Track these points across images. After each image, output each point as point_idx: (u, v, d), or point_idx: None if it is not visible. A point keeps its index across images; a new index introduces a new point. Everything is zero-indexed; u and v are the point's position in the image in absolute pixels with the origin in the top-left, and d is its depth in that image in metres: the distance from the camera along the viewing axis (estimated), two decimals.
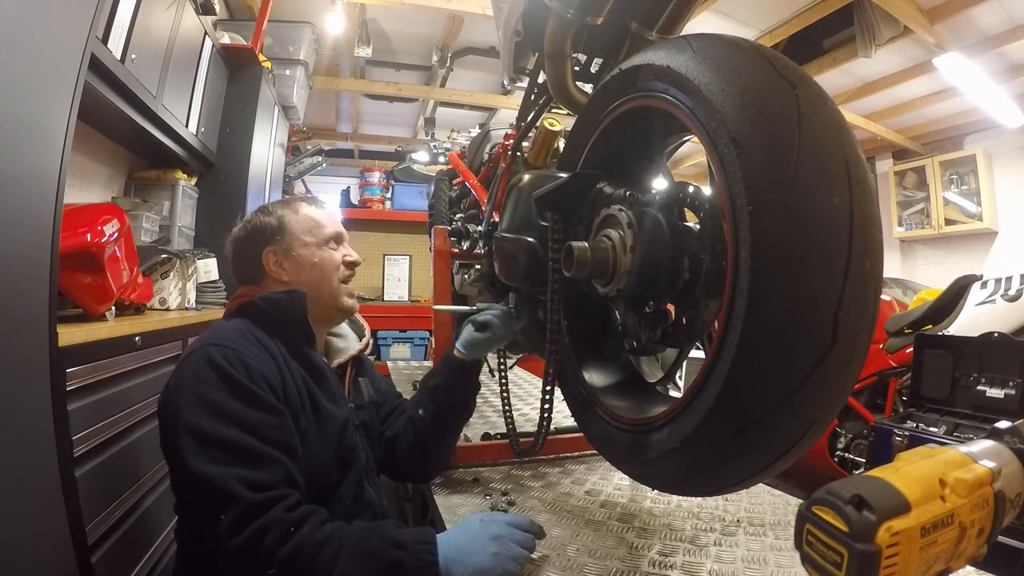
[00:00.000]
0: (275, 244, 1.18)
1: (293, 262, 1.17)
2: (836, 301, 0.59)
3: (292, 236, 1.19)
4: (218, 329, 1.07)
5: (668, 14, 1.01)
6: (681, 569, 0.98)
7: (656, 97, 0.78)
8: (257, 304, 1.10)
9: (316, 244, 1.20)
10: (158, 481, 1.58)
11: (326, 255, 1.20)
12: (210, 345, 0.99)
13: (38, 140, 1.11)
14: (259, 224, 1.20)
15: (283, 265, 1.17)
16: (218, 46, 2.79)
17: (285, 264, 1.17)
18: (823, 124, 0.62)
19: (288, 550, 0.83)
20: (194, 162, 2.74)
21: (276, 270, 1.17)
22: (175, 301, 2.14)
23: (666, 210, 0.84)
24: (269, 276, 1.18)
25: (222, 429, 0.90)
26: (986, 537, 0.47)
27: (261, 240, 1.19)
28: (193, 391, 0.94)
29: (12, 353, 1.02)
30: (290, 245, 1.18)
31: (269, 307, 1.10)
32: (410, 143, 6.07)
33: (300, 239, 1.19)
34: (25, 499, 1.03)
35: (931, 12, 3.39)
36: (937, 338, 2.16)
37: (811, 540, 0.45)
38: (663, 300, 0.88)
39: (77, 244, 1.35)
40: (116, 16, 1.70)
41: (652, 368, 1.06)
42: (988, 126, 4.72)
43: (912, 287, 3.58)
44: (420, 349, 4.81)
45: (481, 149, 1.95)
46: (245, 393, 0.94)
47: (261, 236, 1.19)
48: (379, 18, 4.24)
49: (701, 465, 0.72)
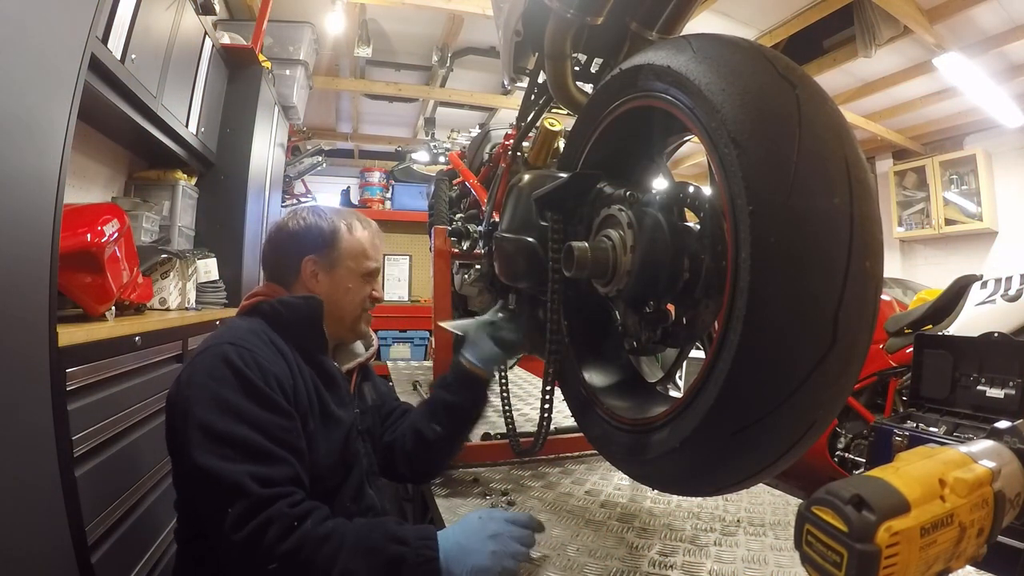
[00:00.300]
0: (319, 254, 1.16)
1: (330, 279, 1.16)
2: (836, 301, 0.59)
3: (339, 255, 1.17)
4: (234, 328, 1.06)
5: (668, 14, 1.01)
6: (681, 569, 0.98)
7: (656, 97, 0.78)
8: (274, 307, 1.09)
9: (356, 273, 1.18)
10: (158, 481, 1.58)
11: (360, 286, 1.19)
12: (226, 343, 0.99)
13: (38, 140, 1.11)
14: (313, 227, 1.17)
15: (318, 277, 1.16)
16: (218, 46, 2.79)
17: (321, 277, 1.16)
18: (823, 124, 0.62)
19: (290, 544, 0.83)
20: (194, 162, 2.74)
21: (310, 280, 1.15)
22: (175, 301, 2.14)
23: (666, 210, 0.84)
24: (300, 282, 1.16)
25: (234, 427, 0.90)
26: (986, 537, 0.47)
27: (308, 244, 1.16)
28: (207, 388, 0.94)
29: (12, 353, 1.02)
30: (334, 262, 1.16)
31: (286, 311, 1.09)
32: (410, 143, 6.07)
33: (345, 263, 1.17)
34: (25, 499, 1.03)
35: (931, 12, 3.39)
36: (937, 338, 2.16)
37: (811, 540, 0.45)
38: (663, 300, 0.88)
39: (77, 244, 1.35)
40: (116, 16, 1.70)
41: (652, 368, 1.06)
42: (988, 126, 4.72)
43: (912, 287, 3.58)
44: (420, 349, 4.82)
45: (481, 149, 1.95)
46: (258, 394, 0.95)
47: (309, 240, 1.16)
48: (379, 18, 4.25)
49: (701, 465, 0.72)
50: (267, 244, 1.21)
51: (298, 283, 1.16)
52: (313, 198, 5.33)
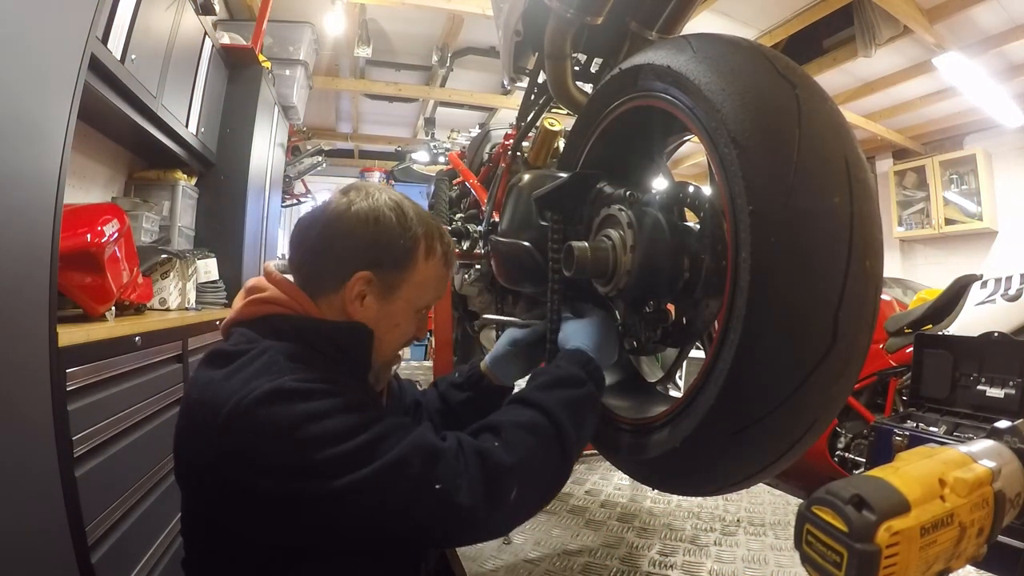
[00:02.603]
0: (380, 270, 0.82)
1: (379, 307, 0.84)
2: (836, 301, 0.59)
3: (403, 280, 0.84)
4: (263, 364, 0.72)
5: (668, 14, 1.01)
6: (681, 569, 0.98)
7: (656, 97, 0.78)
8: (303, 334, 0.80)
9: (412, 308, 0.88)
10: (158, 481, 1.58)
11: (409, 325, 0.89)
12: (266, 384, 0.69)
13: (38, 140, 1.11)
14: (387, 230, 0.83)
15: (365, 301, 0.82)
16: (218, 46, 2.79)
17: (368, 301, 0.83)
18: (823, 124, 0.62)
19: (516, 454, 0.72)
20: (194, 162, 2.74)
21: (352, 301, 0.82)
22: (175, 301, 2.14)
23: (666, 210, 0.84)
24: (338, 297, 0.82)
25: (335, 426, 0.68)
26: (986, 537, 0.47)
27: (372, 253, 0.82)
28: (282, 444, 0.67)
29: (12, 353, 1.02)
30: (393, 288, 0.84)
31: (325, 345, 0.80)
32: (410, 143, 6.07)
33: (405, 293, 0.85)
34: (25, 499, 1.03)
35: (931, 12, 3.39)
36: (937, 338, 2.15)
37: (811, 540, 0.45)
38: (663, 300, 0.88)
39: (77, 244, 1.35)
40: (116, 16, 1.70)
41: (652, 368, 1.06)
42: (988, 126, 4.72)
43: (912, 287, 3.58)
44: (420, 349, 4.82)
45: (481, 149, 1.95)
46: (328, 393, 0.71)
47: (376, 248, 0.82)
48: (379, 18, 4.25)
49: (701, 465, 0.72)
50: (314, 224, 0.84)
51: (333, 297, 0.82)
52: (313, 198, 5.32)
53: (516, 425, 0.75)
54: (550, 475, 0.77)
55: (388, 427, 0.71)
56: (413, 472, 0.68)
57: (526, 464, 0.72)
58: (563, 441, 0.76)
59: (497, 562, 1.01)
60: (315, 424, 0.67)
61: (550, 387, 0.82)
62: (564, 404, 0.79)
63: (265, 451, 0.67)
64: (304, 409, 0.68)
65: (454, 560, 1.04)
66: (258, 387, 0.68)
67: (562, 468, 0.78)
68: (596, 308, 0.96)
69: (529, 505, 0.76)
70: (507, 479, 0.70)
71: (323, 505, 0.67)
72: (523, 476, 0.72)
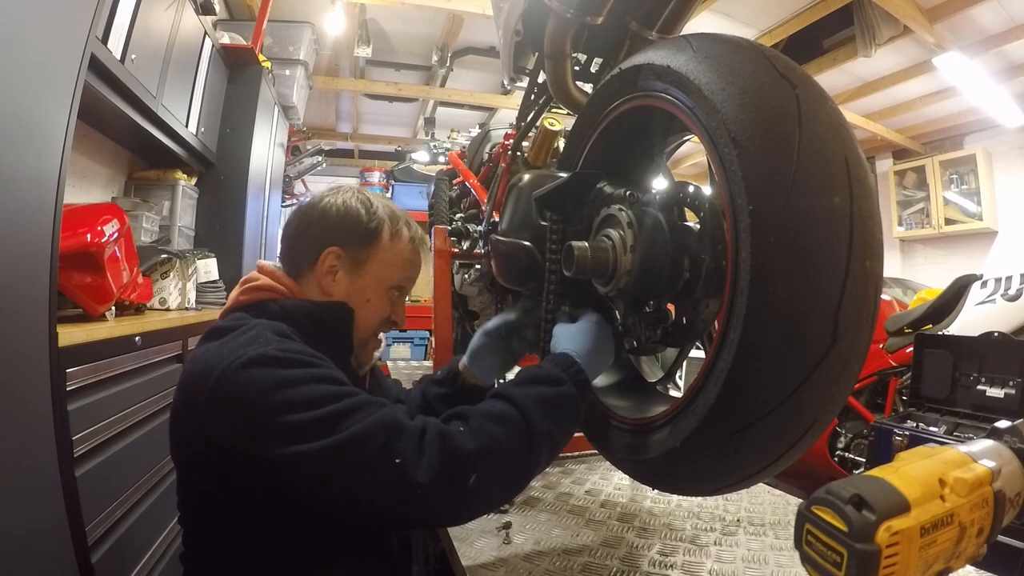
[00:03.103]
0: (348, 247, 0.93)
1: (349, 282, 0.94)
2: (836, 300, 0.59)
3: (369, 256, 0.95)
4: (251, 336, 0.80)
5: (668, 14, 1.02)
6: (681, 569, 0.98)
7: (656, 97, 0.78)
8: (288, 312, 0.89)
9: (382, 285, 0.96)
10: (158, 481, 1.59)
11: (381, 303, 0.97)
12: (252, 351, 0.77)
13: (38, 140, 1.11)
14: (353, 214, 0.94)
15: (336, 276, 0.93)
16: (218, 46, 2.79)
17: (339, 276, 0.93)
18: (823, 123, 0.62)
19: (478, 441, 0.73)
20: (194, 162, 2.74)
21: (325, 276, 0.93)
22: (175, 301, 2.14)
23: (666, 210, 0.84)
24: (313, 275, 0.94)
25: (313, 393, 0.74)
26: (986, 537, 0.47)
27: (338, 232, 0.93)
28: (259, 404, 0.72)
29: (12, 353, 1.02)
30: (360, 263, 0.94)
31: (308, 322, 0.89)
32: (410, 143, 6.08)
33: (373, 268, 0.95)
34: (25, 499, 1.03)
35: (931, 12, 3.39)
36: (937, 338, 2.15)
37: (811, 540, 0.45)
38: (663, 300, 0.88)
39: (77, 244, 1.35)
40: (116, 16, 1.70)
41: (652, 368, 1.06)
42: (988, 126, 4.72)
43: (912, 287, 3.58)
44: (420, 349, 4.82)
45: (481, 149, 1.95)
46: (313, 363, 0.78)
47: (343, 228, 0.94)
48: (379, 18, 4.25)
49: (701, 465, 0.72)
50: (293, 216, 0.99)
51: (310, 275, 0.94)
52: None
53: (484, 415, 0.78)
54: (512, 467, 0.77)
55: (360, 401, 0.75)
56: (375, 446, 0.71)
57: (487, 452, 0.74)
58: (531, 435, 0.77)
59: (497, 562, 1.01)
60: (291, 389, 0.73)
61: (526, 383, 0.83)
62: (536, 400, 0.80)
63: (243, 411, 0.73)
64: (283, 375, 0.74)
65: (454, 560, 1.04)
66: (245, 353, 0.76)
67: (527, 462, 0.79)
68: (591, 312, 0.96)
69: (489, 494, 0.77)
70: (466, 462, 0.72)
71: (287, 469, 0.71)
72: (483, 463, 0.73)
